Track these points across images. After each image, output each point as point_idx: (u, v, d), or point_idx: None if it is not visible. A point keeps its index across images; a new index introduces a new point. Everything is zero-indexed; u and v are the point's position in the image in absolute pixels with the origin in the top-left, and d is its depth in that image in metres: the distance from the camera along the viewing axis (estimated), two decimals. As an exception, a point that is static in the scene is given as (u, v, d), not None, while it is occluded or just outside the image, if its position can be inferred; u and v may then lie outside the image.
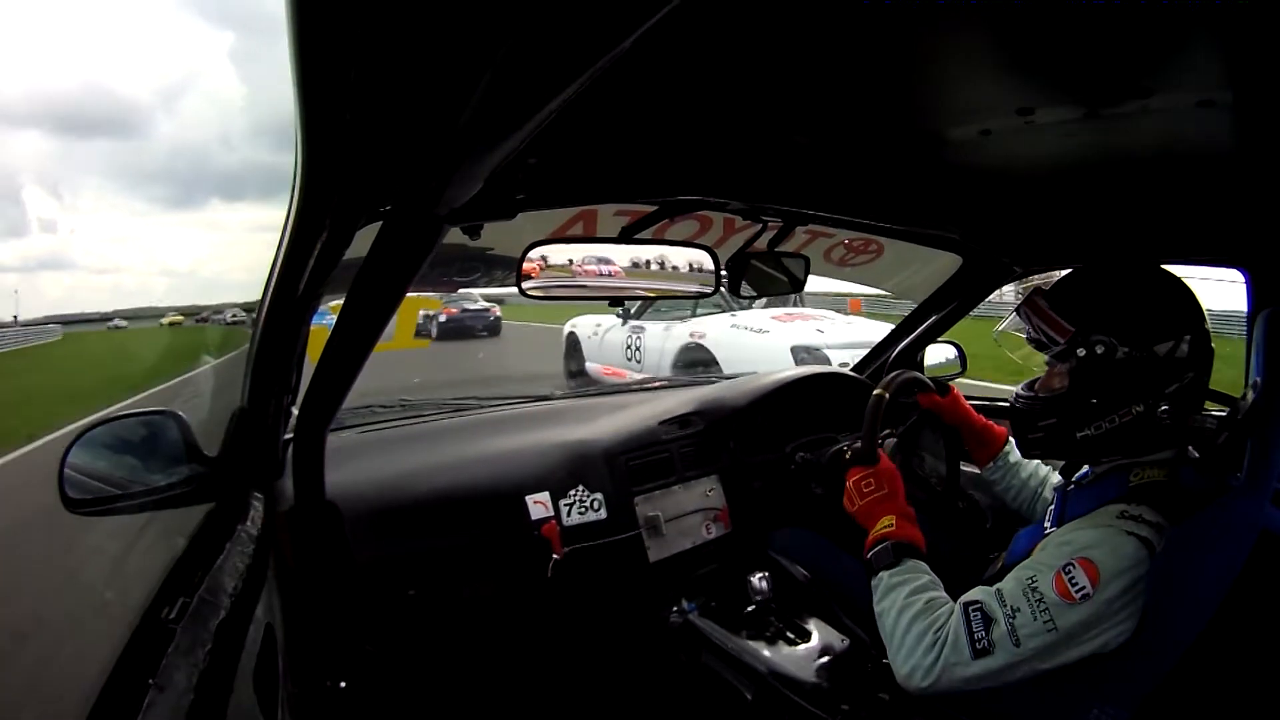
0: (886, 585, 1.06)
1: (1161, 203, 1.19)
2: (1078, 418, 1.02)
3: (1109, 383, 1.00)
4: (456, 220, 0.79)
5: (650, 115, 0.86)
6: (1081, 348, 1.00)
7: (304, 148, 0.53)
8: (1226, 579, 0.86)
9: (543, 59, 0.44)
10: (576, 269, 1.13)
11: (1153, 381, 0.98)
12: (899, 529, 1.09)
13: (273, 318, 0.87)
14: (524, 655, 1.40)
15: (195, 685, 0.65)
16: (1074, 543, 0.95)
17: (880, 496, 1.14)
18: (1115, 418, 1.00)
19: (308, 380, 1.02)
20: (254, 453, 1.10)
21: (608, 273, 1.15)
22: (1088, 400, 1.01)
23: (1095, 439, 1.02)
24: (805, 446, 1.67)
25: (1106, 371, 0.99)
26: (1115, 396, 1.00)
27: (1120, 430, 1.00)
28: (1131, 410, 0.99)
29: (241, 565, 0.90)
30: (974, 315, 1.89)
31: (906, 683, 1.00)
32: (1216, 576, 0.86)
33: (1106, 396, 1.00)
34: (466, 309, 13.31)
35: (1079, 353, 1.00)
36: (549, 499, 1.41)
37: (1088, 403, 1.01)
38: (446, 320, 12.82)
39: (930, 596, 1.04)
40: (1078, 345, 1.00)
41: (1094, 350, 0.99)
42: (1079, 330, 1.00)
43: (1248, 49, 0.65)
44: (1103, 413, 1.01)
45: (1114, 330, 0.99)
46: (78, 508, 0.98)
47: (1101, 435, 1.01)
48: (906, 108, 0.87)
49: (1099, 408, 1.01)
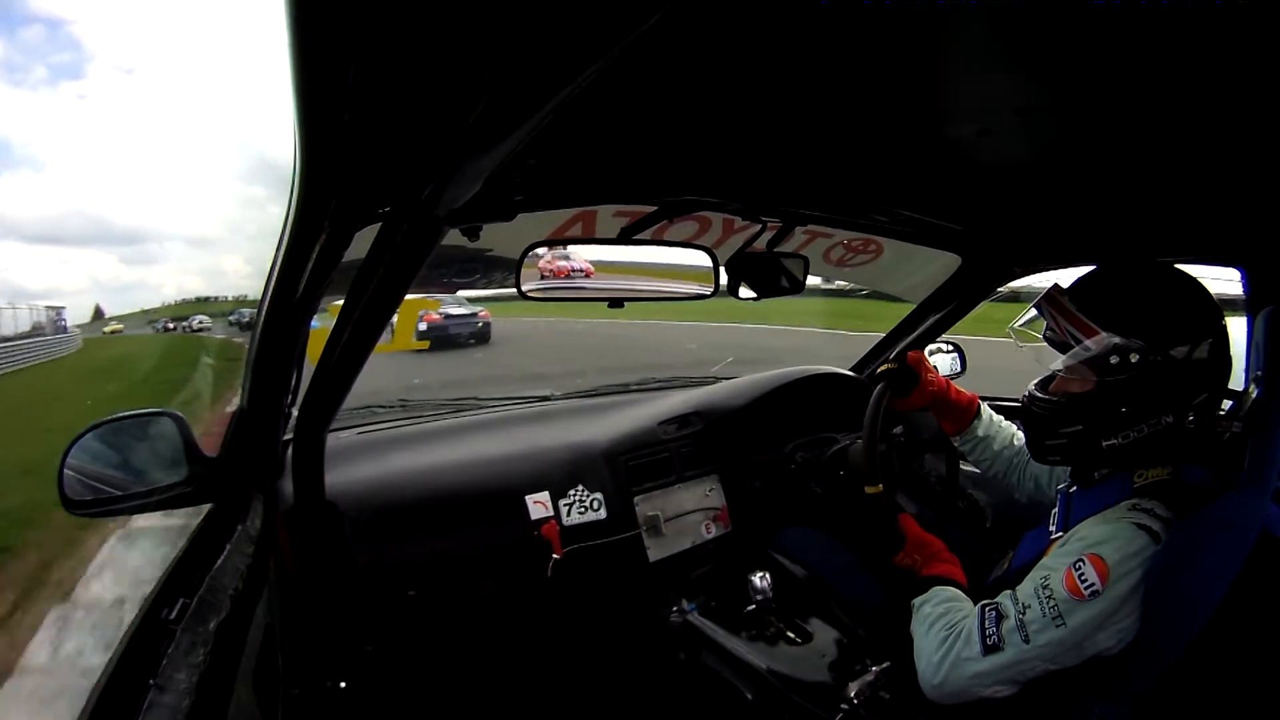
0: (916, 608, 1.10)
1: (1160, 202, 1.19)
2: (1106, 426, 0.98)
3: (1140, 390, 0.95)
4: (455, 221, 0.79)
5: (649, 115, 0.86)
6: (1115, 355, 0.95)
7: (303, 149, 0.53)
8: (1227, 576, 0.86)
9: (541, 59, 0.44)
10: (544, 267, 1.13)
11: (1183, 388, 0.96)
12: (930, 569, 1.16)
13: (272, 319, 0.87)
14: (524, 655, 1.40)
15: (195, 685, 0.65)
16: (1086, 539, 0.95)
17: (927, 560, 1.18)
18: (1145, 427, 0.96)
19: (308, 381, 1.02)
20: (254, 453, 1.10)
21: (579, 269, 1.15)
22: (1117, 408, 0.96)
23: (1122, 449, 0.97)
24: (805, 446, 1.67)
25: (1138, 378, 0.95)
26: (1146, 405, 0.95)
27: (1148, 440, 0.96)
28: (1162, 420, 0.95)
29: (241, 565, 0.90)
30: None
31: (922, 682, 1.02)
32: (1217, 574, 0.86)
33: (1137, 405, 0.96)
34: (449, 314, 10.92)
35: (1111, 359, 0.95)
36: (549, 499, 1.41)
37: (1117, 411, 0.97)
38: (427, 329, 9.97)
39: (950, 605, 1.07)
40: (1109, 350, 0.95)
41: (1128, 357, 0.94)
42: (1110, 334, 0.96)
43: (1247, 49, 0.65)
44: (1132, 421, 0.96)
45: (1145, 334, 0.95)
46: (78, 508, 0.98)
47: (1129, 445, 0.97)
48: (906, 108, 0.87)
49: (1128, 416, 0.96)
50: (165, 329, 36.21)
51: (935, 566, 1.16)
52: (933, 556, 1.17)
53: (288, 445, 1.19)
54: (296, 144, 0.52)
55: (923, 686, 1.02)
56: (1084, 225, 1.40)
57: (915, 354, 1.37)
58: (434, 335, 10.19)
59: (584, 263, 1.16)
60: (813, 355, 2.49)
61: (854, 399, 1.76)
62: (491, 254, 1.47)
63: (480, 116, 0.50)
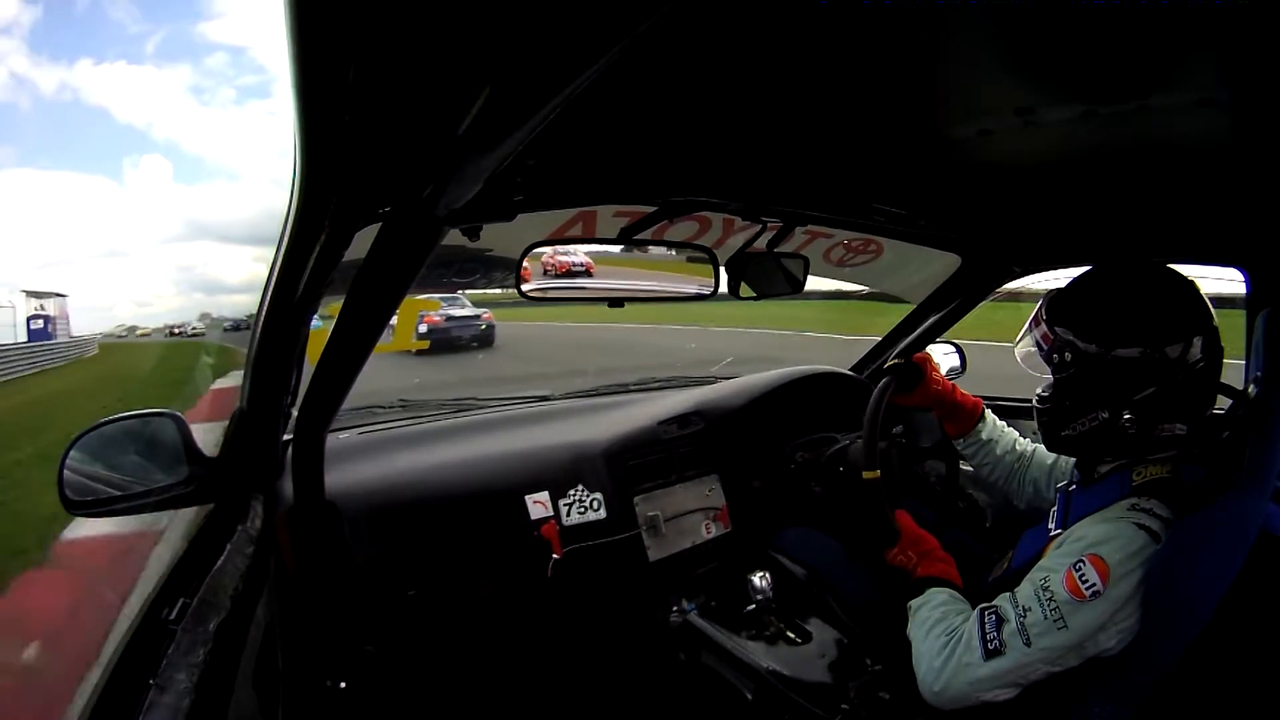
0: (912, 612, 1.10)
1: (1161, 202, 1.19)
2: (1061, 417, 1.07)
3: (1079, 386, 1.03)
4: (455, 222, 0.79)
5: (649, 116, 0.86)
6: (1055, 351, 1.05)
7: (303, 149, 0.53)
8: (1228, 576, 0.86)
9: (542, 60, 0.44)
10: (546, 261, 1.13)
11: (1119, 386, 1.00)
12: (925, 569, 1.16)
13: (272, 319, 0.87)
14: (524, 655, 1.40)
15: (195, 685, 0.65)
16: (1085, 539, 0.95)
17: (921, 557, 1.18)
18: (1085, 421, 1.04)
19: (308, 381, 1.02)
20: (254, 454, 1.10)
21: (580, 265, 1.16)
22: (1063, 402, 1.06)
23: (1074, 439, 1.06)
24: (805, 446, 1.67)
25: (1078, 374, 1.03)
26: (1085, 400, 1.03)
27: (1090, 434, 1.03)
28: (1098, 415, 1.02)
29: (241, 566, 0.91)
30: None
31: (922, 688, 1.02)
32: (1217, 574, 0.86)
33: (1078, 400, 1.04)
34: (450, 316, 10.43)
35: (1053, 358, 1.05)
36: (548, 499, 1.41)
37: (1063, 404, 1.06)
38: (427, 331, 9.32)
39: (948, 608, 1.07)
40: (1054, 348, 1.05)
41: (1064, 356, 1.03)
42: (1054, 330, 1.05)
43: (1247, 49, 0.65)
44: (1075, 415, 1.05)
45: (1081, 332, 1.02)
46: (78, 508, 0.98)
47: (1078, 437, 1.05)
48: (906, 108, 0.87)
49: (1072, 410, 1.05)
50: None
51: (930, 566, 1.15)
52: (927, 554, 1.17)
53: (288, 445, 1.19)
54: (297, 144, 0.52)
55: (923, 693, 1.02)
56: (1084, 226, 1.40)
57: (922, 354, 1.40)
58: (435, 338, 9.68)
59: (585, 258, 1.16)
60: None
61: (854, 399, 1.76)
62: (491, 254, 1.47)
63: (480, 116, 0.50)
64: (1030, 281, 1.74)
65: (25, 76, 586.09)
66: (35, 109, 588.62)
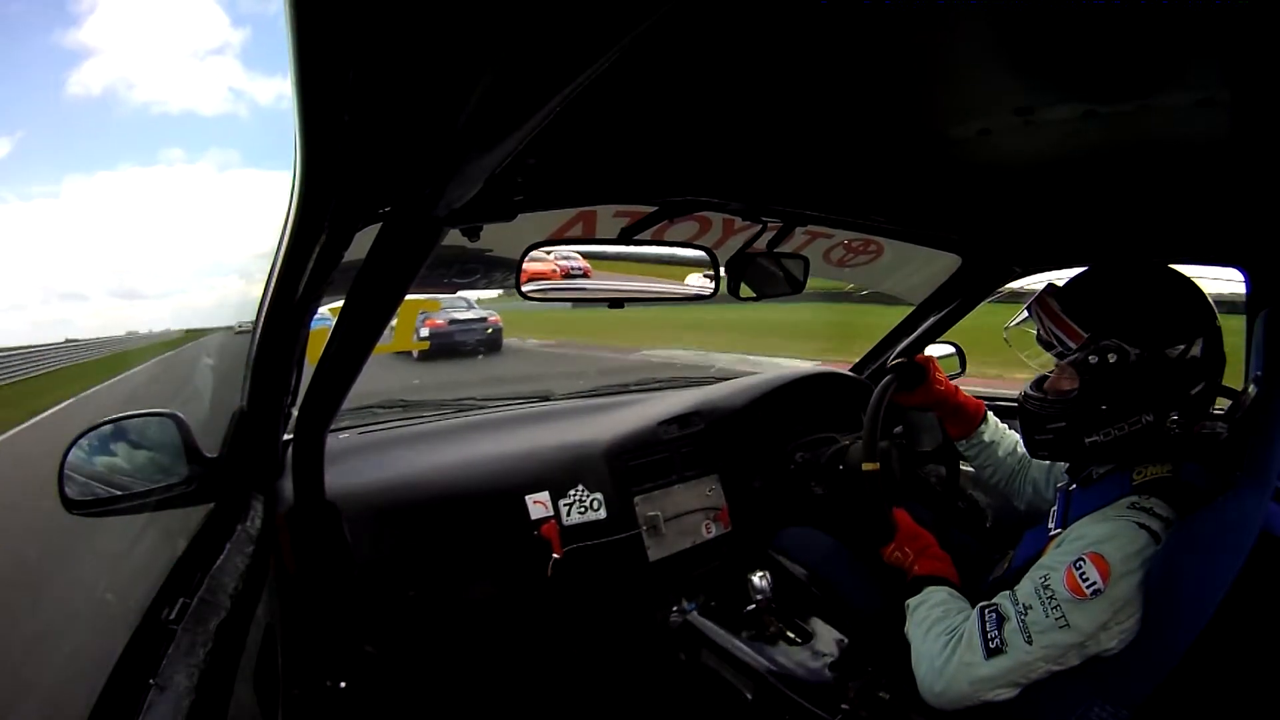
0: (910, 611, 1.10)
1: (1161, 202, 1.19)
2: (1087, 423, 1.01)
3: (1120, 389, 0.98)
4: (455, 222, 0.79)
5: (649, 116, 0.86)
6: (1094, 354, 0.98)
7: (303, 149, 0.53)
8: (1228, 577, 0.86)
9: (542, 60, 0.44)
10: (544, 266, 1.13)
11: (1165, 388, 0.97)
12: (922, 567, 1.16)
13: (272, 319, 0.87)
14: (524, 655, 1.40)
15: (195, 685, 0.65)
16: (1085, 537, 0.95)
17: (918, 553, 1.18)
18: (1125, 425, 0.99)
19: (308, 381, 1.02)
20: (254, 454, 1.10)
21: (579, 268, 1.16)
22: (1097, 406, 1.00)
23: (1104, 445, 1.01)
24: (805, 446, 1.67)
25: (1118, 378, 0.98)
26: (1126, 404, 0.98)
27: (1129, 439, 0.99)
28: (1142, 419, 0.97)
29: (241, 566, 0.91)
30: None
31: (923, 688, 1.01)
32: (1218, 574, 0.86)
33: (1117, 403, 0.98)
34: (454, 319, 9.57)
35: (1091, 359, 0.98)
36: (549, 499, 1.41)
37: (1097, 409, 1.00)
38: (429, 335, 8.78)
39: (947, 607, 1.06)
40: (1090, 351, 0.98)
41: (1106, 357, 0.97)
42: (1092, 335, 0.98)
43: (1247, 49, 0.65)
44: (1112, 420, 0.99)
45: (1127, 334, 0.97)
46: (77, 508, 0.98)
47: (1110, 442, 1.00)
48: (906, 108, 0.87)
49: (1108, 415, 0.99)
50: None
51: (927, 564, 1.15)
52: (924, 551, 1.17)
53: (288, 445, 1.20)
54: (297, 144, 0.52)
55: (924, 693, 1.01)
56: (1084, 226, 1.40)
57: (924, 355, 1.41)
58: (437, 343, 8.96)
59: (582, 261, 1.16)
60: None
61: (854, 399, 1.76)
62: (491, 254, 1.47)
63: (480, 116, 0.50)
64: (1030, 282, 1.74)
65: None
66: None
